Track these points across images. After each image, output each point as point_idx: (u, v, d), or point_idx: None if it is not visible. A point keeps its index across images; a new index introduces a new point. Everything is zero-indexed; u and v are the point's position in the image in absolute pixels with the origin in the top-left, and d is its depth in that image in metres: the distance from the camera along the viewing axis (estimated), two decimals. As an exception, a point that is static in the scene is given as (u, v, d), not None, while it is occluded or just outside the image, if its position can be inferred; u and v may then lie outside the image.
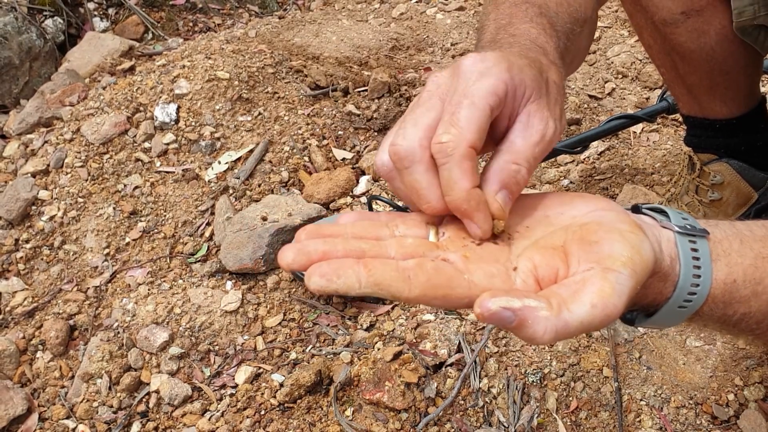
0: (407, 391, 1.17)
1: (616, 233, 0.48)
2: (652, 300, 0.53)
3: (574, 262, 0.47)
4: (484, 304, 0.43)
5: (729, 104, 1.14)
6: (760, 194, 1.20)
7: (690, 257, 0.52)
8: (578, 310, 0.44)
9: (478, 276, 0.48)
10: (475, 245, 0.51)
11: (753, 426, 1.12)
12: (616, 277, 0.45)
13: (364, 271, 0.46)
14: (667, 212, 0.55)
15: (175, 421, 1.26)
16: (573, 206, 0.54)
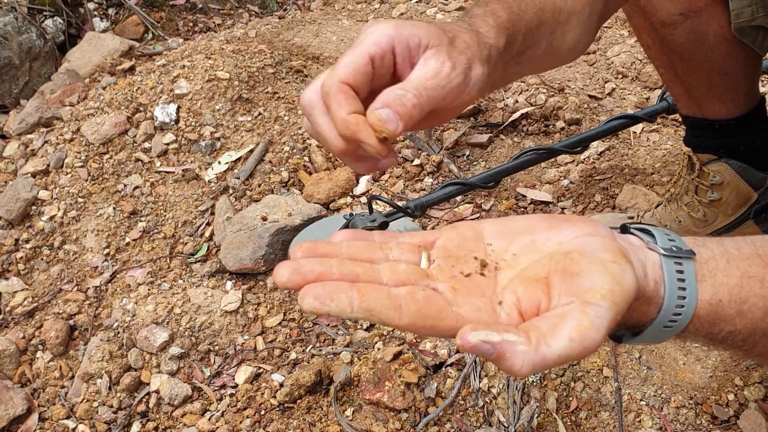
0: (407, 391, 1.17)
1: (598, 264, 0.49)
2: (637, 321, 0.54)
3: (555, 294, 0.49)
4: (464, 336, 0.45)
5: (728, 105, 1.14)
6: (760, 194, 1.20)
7: (675, 279, 0.53)
8: (556, 344, 0.45)
9: (465, 309, 0.50)
10: (464, 276, 0.53)
11: (753, 426, 1.12)
12: (595, 310, 0.47)
13: (357, 297, 0.47)
14: (654, 234, 0.56)
15: (175, 421, 1.26)
16: (559, 231, 0.55)
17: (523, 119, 1.85)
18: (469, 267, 0.54)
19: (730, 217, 1.24)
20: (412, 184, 1.70)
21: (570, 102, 1.88)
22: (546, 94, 1.92)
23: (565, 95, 1.94)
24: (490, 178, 1.50)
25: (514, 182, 1.69)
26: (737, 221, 1.24)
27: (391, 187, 1.69)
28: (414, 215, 1.47)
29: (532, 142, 1.81)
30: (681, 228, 1.29)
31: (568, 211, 1.59)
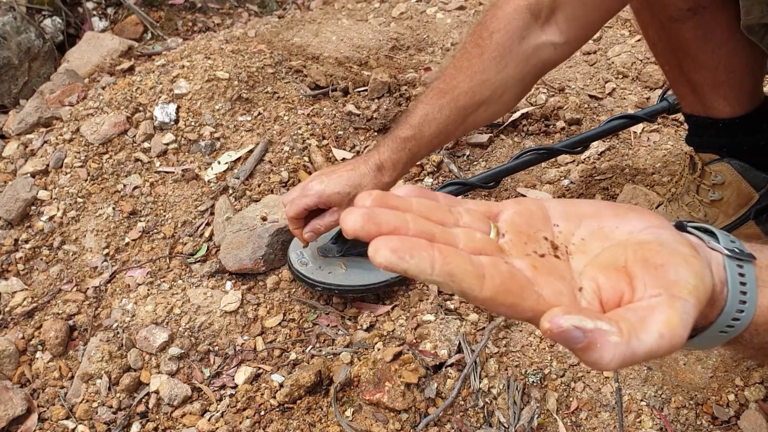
0: (407, 391, 1.16)
1: (680, 257, 0.47)
2: (696, 323, 0.52)
3: (640, 286, 0.46)
4: (554, 319, 0.42)
5: (732, 103, 1.14)
6: (761, 194, 1.20)
7: (738, 282, 0.51)
8: (647, 339, 0.43)
9: (547, 291, 0.46)
10: (538, 256, 0.50)
11: (753, 426, 1.12)
12: (683, 305, 0.44)
13: (440, 258, 0.43)
14: (716, 233, 0.55)
15: (174, 422, 1.26)
16: (627, 220, 0.52)
17: (523, 119, 1.85)
18: (542, 247, 0.51)
19: (731, 218, 1.24)
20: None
21: (570, 102, 1.88)
22: (546, 93, 1.92)
23: (566, 95, 1.94)
24: (490, 178, 1.50)
25: (515, 182, 1.69)
26: (738, 221, 1.24)
27: (391, 187, 1.68)
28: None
29: (533, 142, 1.81)
30: (681, 228, 1.28)
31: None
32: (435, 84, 1.12)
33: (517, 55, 1.06)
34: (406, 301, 1.37)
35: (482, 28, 1.07)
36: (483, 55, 1.06)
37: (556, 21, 1.04)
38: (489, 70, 1.06)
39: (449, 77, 1.10)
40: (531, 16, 1.04)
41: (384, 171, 1.16)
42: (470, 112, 1.10)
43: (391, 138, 1.16)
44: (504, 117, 1.84)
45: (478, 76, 1.07)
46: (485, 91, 1.08)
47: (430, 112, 1.11)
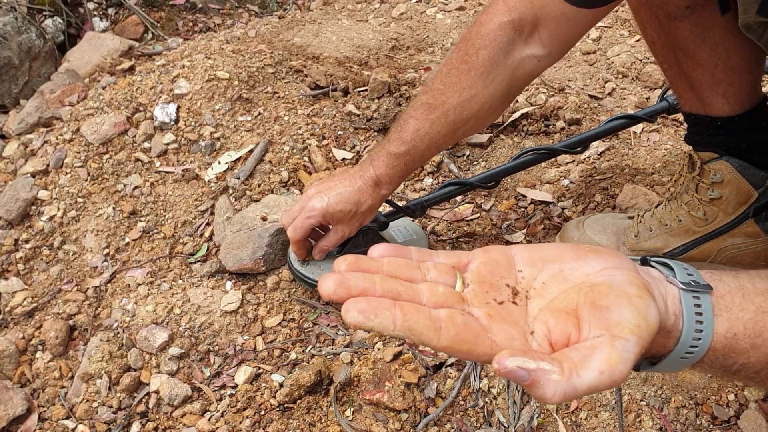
0: (407, 391, 1.17)
1: (625, 298, 0.52)
2: (655, 352, 0.57)
3: (585, 327, 0.51)
4: (502, 361, 0.48)
5: (731, 101, 1.14)
6: (760, 193, 1.20)
7: (693, 313, 0.56)
8: (587, 376, 0.47)
9: (499, 337, 0.52)
10: (497, 303, 0.55)
11: (753, 426, 1.12)
12: (623, 344, 0.49)
13: (400, 315, 0.49)
14: (673, 267, 0.59)
15: (174, 422, 1.26)
16: (586, 262, 0.57)
17: (523, 119, 1.85)
18: (502, 295, 0.56)
19: (731, 216, 1.24)
20: (412, 184, 1.70)
21: (570, 102, 1.88)
22: (546, 94, 1.92)
23: (566, 95, 1.94)
24: (490, 178, 1.50)
25: (514, 182, 1.69)
26: (737, 220, 1.24)
27: (391, 187, 1.68)
28: (414, 215, 1.47)
29: (532, 142, 1.81)
30: (681, 227, 1.28)
31: (568, 210, 1.59)
32: (423, 98, 1.15)
33: (503, 69, 1.09)
34: (406, 300, 1.37)
35: (468, 44, 1.10)
36: (470, 72, 1.09)
37: (538, 36, 1.08)
38: (477, 86, 1.10)
39: (437, 93, 1.13)
40: (514, 31, 1.08)
41: (381, 185, 1.21)
42: (460, 125, 1.14)
43: (385, 153, 1.19)
44: (504, 117, 1.84)
45: (467, 92, 1.10)
46: (474, 106, 1.12)
47: (421, 127, 1.14)
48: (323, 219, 1.23)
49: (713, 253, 1.29)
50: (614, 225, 1.36)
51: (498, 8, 1.09)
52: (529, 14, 1.06)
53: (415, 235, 1.47)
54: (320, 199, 1.22)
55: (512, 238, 1.53)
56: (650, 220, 1.32)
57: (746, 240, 1.25)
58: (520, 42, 1.08)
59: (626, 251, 1.33)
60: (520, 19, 1.07)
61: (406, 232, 1.48)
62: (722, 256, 1.29)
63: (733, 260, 1.29)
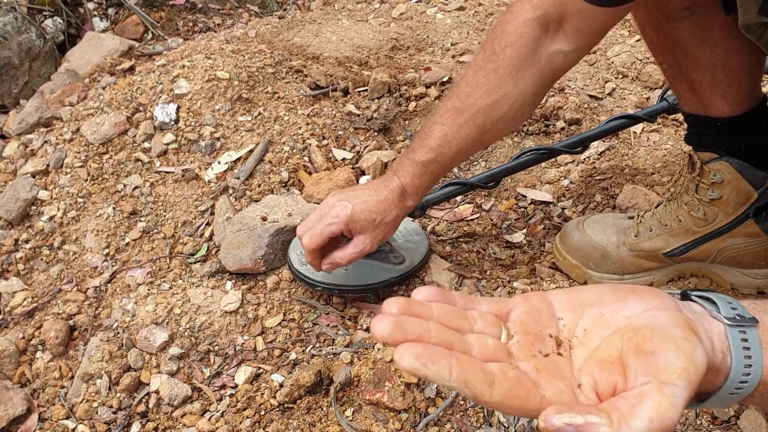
0: (407, 391, 1.17)
1: (671, 341, 0.51)
2: (703, 390, 0.56)
3: (631, 375, 0.50)
4: (548, 419, 0.47)
5: (731, 102, 1.14)
6: (760, 193, 1.20)
7: (741, 348, 0.55)
8: (637, 425, 0.47)
9: (549, 392, 0.52)
10: (543, 356, 0.55)
11: (753, 426, 1.12)
12: (672, 390, 0.48)
13: (457, 366, 0.49)
14: (716, 302, 0.58)
15: (174, 422, 1.26)
16: (626, 304, 0.56)
17: (523, 119, 1.85)
18: (546, 346, 0.56)
19: (731, 216, 1.24)
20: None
21: (570, 102, 1.88)
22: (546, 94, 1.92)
23: (565, 95, 1.94)
24: (490, 178, 1.50)
25: (514, 182, 1.69)
26: (737, 220, 1.24)
27: (391, 187, 1.68)
28: (414, 215, 1.47)
29: (532, 142, 1.81)
30: (681, 227, 1.28)
31: (568, 210, 1.59)
32: (449, 103, 1.11)
33: (531, 66, 1.07)
34: (406, 300, 1.37)
35: (494, 43, 1.08)
36: (498, 70, 1.06)
37: (563, 31, 1.06)
38: (506, 84, 1.07)
39: (464, 96, 1.09)
40: (540, 28, 1.06)
41: (407, 196, 1.16)
42: (489, 128, 1.10)
43: (410, 162, 1.14)
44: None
45: (496, 92, 1.07)
46: (504, 106, 1.08)
47: (448, 132, 1.10)
48: (345, 227, 1.16)
49: (713, 253, 1.29)
50: (614, 225, 1.37)
51: (522, 6, 1.07)
52: (552, 10, 1.05)
53: (415, 235, 1.47)
54: (344, 207, 1.15)
55: (512, 238, 1.53)
56: (650, 220, 1.32)
57: (746, 240, 1.25)
58: (547, 38, 1.07)
59: (626, 251, 1.33)
60: (544, 16, 1.05)
61: (406, 232, 1.48)
62: (722, 256, 1.29)
63: (733, 260, 1.29)
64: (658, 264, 1.33)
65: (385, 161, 1.75)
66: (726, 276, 1.32)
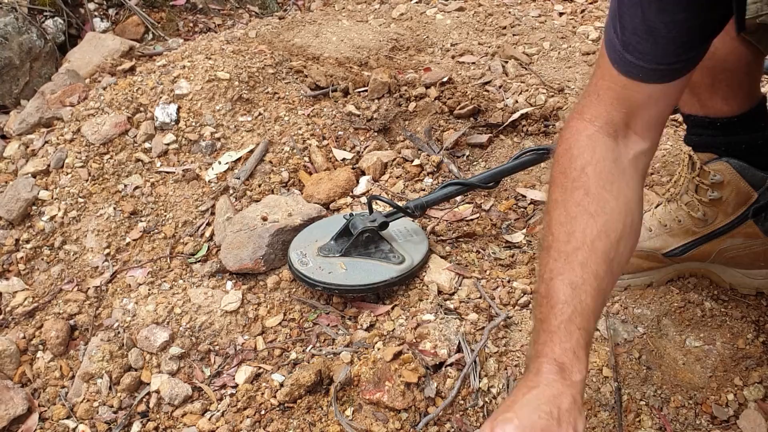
0: (407, 391, 1.17)
1: None
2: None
3: None
4: None
5: (730, 102, 1.14)
6: (760, 193, 1.20)
7: None
8: None
9: None
10: None
11: (752, 426, 1.12)
12: None
13: None
14: None
15: (175, 421, 1.26)
16: None
17: (522, 119, 1.85)
18: None
19: (730, 217, 1.24)
20: (412, 184, 1.70)
21: (570, 102, 1.88)
22: (546, 94, 1.92)
23: (565, 95, 1.94)
24: (490, 178, 1.50)
25: (514, 182, 1.69)
26: (737, 221, 1.24)
27: (391, 187, 1.69)
28: (414, 215, 1.47)
29: (532, 142, 1.81)
30: (681, 227, 1.29)
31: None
32: (553, 251, 0.92)
33: (620, 177, 0.95)
34: (406, 300, 1.37)
35: (567, 172, 0.95)
36: (590, 192, 0.92)
37: (633, 131, 0.97)
38: (607, 201, 0.92)
39: (566, 235, 0.92)
40: (609, 137, 0.96)
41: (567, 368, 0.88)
42: (612, 255, 0.92)
43: (546, 336, 0.90)
44: (503, 117, 1.85)
45: (601, 213, 0.91)
46: (617, 224, 0.92)
47: (572, 279, 0.89)
48: None
49: (713, 253, 1.29)
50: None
51: (577, 126, 0.97)
52: (615, 114, 0.95)
53: (415, 236, 1.47)
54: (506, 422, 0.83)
55: (512, 238, 1.53)
56: (650, 221, 1.32)
57: (746, 241, 1.26)
58: (620, 145, 0.96)
59: (626, 252, 1.33)
60: (608, 124, 0.95)
61: (406, 232, 1.48)
62: (722, 256, 1.29)
63: (733, 261, 1.29)
64: (658, 264, 1.33)
65: (385, 161, 1.75)
66: (725, 276, 1.32)
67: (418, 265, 1.40)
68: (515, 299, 1.35)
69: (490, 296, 1.36)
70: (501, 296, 1.36)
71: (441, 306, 1.33)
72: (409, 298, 1.37)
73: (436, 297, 1.36)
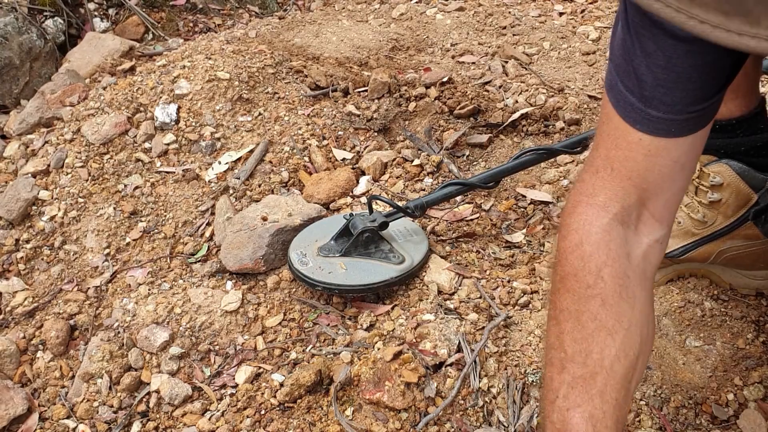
0: (407, 390, 1.17)
1: None
2: None
3: None
4: None
5: (728, 105, 1.14)
6: (760, 196, 1.20)
7: None
8: None
9: None
10: None
11: (752, 426, 1.12)
12: None
13: None
14: None
15: (175, 421, 1.26)
16: None
17: (522, 119, 1.85)
18: None
19: (730, 219, 1.24)
20: (412, 184, 1.70)
21: (570, 102, 1.88)
22: (546, 94, 1.93)
23: (565, 95, 1.94)
24: (490, 178, 1.50)
25: (514, 182, 1.69)
26: (737, 222, 1.24)
27: (391, 187, 1.69)
28: (414, 215, 1.47)
29: (532, 142, 1.81)
30: (680, 229, 1.29)
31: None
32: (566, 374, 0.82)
33: (634, 276, 0.85)
34: (406, 300, 1.37)
35: (581, 271, 0.84)
36: (606, 303, 0.82)
37: (651, 213, 0.87)
38: (623, 314, 0.82)
39: (582, 354, 0.82)
40: (622, 227, 0.85)
41: None
42: (631, 375, 0.83)
43: None
44: (503, 117, 1.85)
45: (619, 329, 0.82)
46: (634, 340, 0.83)
47: (592, 412, 0.80)
48: None
49: (713, 254, 1.29)
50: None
51: (588, 215, 0.85)
52: (632, 195, 0.84)
53: (415, 236, 1.47)
54: None
55: (512, 238, 1.54)
56: (649, 221, 1.32)
57: (746, 242, 1.26)
58: (633, 235, 0.86)
59: (626, 252, 1.33)
60: (622, 209, 0.84)
61: (406, 232, 1.48)
62: (722, 257, 1.29)
63: (733, 262, 1.30)
64: (658, 264, 1.33)
65: (385, 161, 1.75)
66: (725, 276, 1.33)
67: (418, 265, 1.40)
68: (515, 299, 1.35)
69: (490, 296, 1.36)
70: (501, 296, 1.36)
71: (441, 306, 1.33)
72: (409, 298, 1.37)
73: (436, 297, 1.36)
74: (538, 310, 1.32)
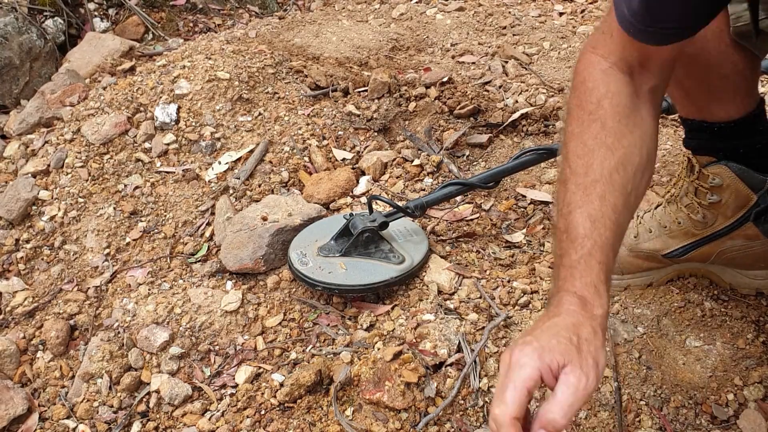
0: (407, 390, 1.17)
1: None
2: None
3: None
4: None
5: (727, 107, 1.14)
6: (759, 196, 1.20)
7: None
8: None
9: None
10: None
11: (752, 426, 1.12)
12: None
13: None
14: None
15: (175, 421, 1.26)
16: None
17: (522, 119, 1.85)
18: None
19: (730, 219, 1.24)
20: (412, 184, 1.70)
21: (570, 102, 1.88)
22: (546, 94, 1.93)
23: (565, 95, 1.94)
24: (490, 178, 1.50)
25: (514, 182, 1.69)
26: (737, 223, 1.24)
27: (391, 187, 1.69)
28: (414, 215, 1.47)
29: (532, 142, 1.81)
30: (681, 229, 1.29)
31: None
32: (571, 184, 0.93)
33: (636, 109, 0.96)
34: (406, 300, 1.37)
35: (583, 104, 0.96)
36: (606, 125, 0.93)
37: (648, 69, 0.97)
38: (623, 135, 0.93)
39: (584, 167, 0.93)
40: (622, 72, 0.96)
41: (589, 302, 0.87)
42: (629, 187, 0.93)
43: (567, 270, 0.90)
44: (503, 117, 1.85)
45: (618, 146, 0.93)
46: (633, 157, 0.93)
47: (591, 212, 0.90)
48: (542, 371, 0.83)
49: (713, 255, 1.29)
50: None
51: (590, 60, 0.97)
52: (628, 53, 0.95)
53: (415, 236, 1.47)
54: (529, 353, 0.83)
55: (512, 238, 1.54)
56: (650, 222, 1.33)
57: (746, 242, 1.26)
58: (635, 79, 0.97)
59: (625, 251, 1.33)
60: (621, 60, 0.96)
61: (406, 232, 1.48)
62: (722, 258, 1.29)
63: (733, 262, 1.30)
64: (657, 264, 1.34)
65: (385, 161, 1.75)
66: (725, 276, 1.33)
67: (418, 265, 1.40)
68: (515, 299, 1.35)
69: (490, 296, 1.36)
70: (501, 296, 1.36)
71: (441, 306, 1.33)
72: (409, 298, 1.37)
73: (436, 297, 1.36)
74: (538, 310, 1.32)
